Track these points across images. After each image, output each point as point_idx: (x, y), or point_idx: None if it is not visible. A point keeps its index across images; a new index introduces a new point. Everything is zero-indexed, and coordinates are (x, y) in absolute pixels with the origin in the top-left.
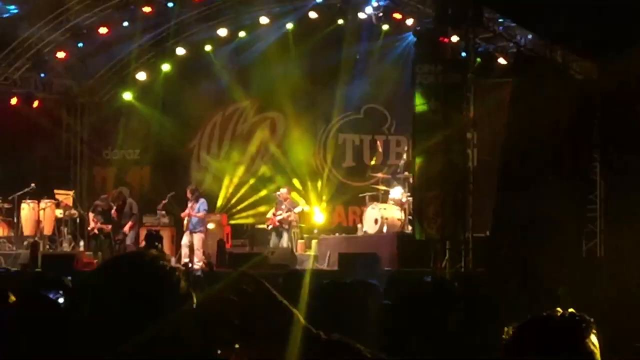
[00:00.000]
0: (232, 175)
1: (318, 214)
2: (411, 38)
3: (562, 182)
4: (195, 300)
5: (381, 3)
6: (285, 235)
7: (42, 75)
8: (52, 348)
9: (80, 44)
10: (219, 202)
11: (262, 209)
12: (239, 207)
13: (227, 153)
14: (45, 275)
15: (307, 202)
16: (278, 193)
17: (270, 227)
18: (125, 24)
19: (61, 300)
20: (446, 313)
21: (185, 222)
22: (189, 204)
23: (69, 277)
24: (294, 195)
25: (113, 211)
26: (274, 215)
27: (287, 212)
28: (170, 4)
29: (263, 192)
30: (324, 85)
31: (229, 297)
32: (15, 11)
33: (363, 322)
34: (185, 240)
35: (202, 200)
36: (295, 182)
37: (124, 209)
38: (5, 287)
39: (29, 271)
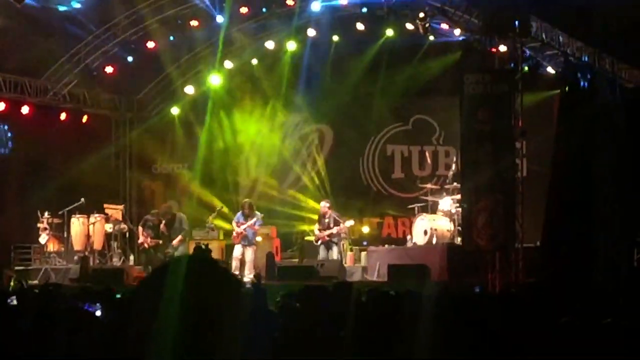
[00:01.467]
0: (279, 187)
1: (364, 225)
2: (459, 48)
3: (614, 191)
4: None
5: (428, 13)
6: (334, 248)
7: (91, 90)
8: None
9: (130, 58)
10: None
11: (306, 221)
12: (286, 220)
13: (276, 165)
14: (90, 289)
15: (352, 215)
16: (321, 206)
17: (319, 242)
18: (172, 38)
19: (98, 312)
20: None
21: (236, 233)
22: (241, 218)
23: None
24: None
25: (162, 225)
26: (320, 230)
27: (334, 225)
28: (218, 18)
29: (308, 204)
30: (372, 97)
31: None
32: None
33: (410, 332)
34: (237, 252)
35: (258, 214)
36: (342, 192)
37: (174, 223)
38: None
39: (77, 285)
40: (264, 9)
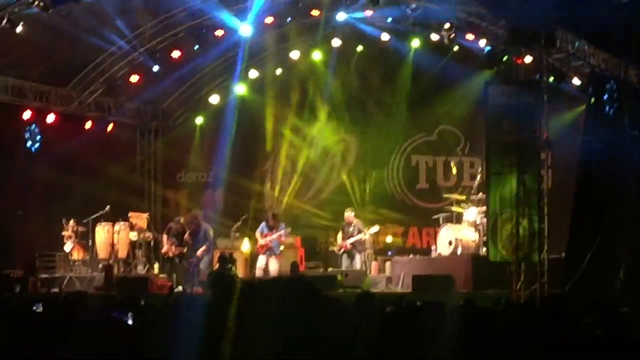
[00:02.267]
0: (304, 196)
1: (389, 235)
2: (484, 59)
3: (638, 203)
4: None
5: (454, 24)
6: (357, 257)
7: (116, 99)
8: None
9: (155, 67)
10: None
11: (331, 231)
12: (310, 229)
13: (300, 175)
14: (115, 297)
15: (377, 223)
16: (345, 216)
17: (342, 250)
18: (197, 47)
19: (130, 321)
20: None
21: (260, 245)
22: (266, 229)
23: None
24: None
25: (187, 235)
26: (343, 239)
27: (358, 233)
28: (243, 28)
29: (333, 214)
30: (397, 107)
31: None
32: None
33: (435, 343)
34: (260, 263)
35: (282, 224)
36: (367, 203)
37: (199, 233)
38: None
39: (102, 294)
40: (289, 19)
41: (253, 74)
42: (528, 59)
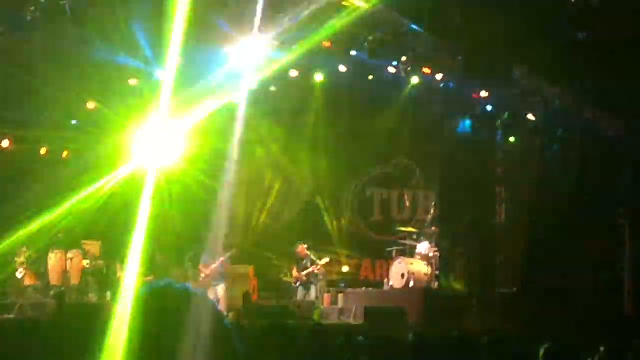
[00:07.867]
0: (255, 227)
1: (342, 267)
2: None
3: (590, 240)
4: None
5: (410, 57)
6: (312, 289)
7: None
8: None
9: None
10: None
11: (284, 261)
12: (264, 260)
13: (254, 205)
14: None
15: (330, 257)
16: (297, 250)
17: (298, 283)
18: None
19: None
20: None
21: (204, 276)
22: (208, 259)
23: None
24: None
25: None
26: (298, 272)
27: (311, 265)
28: None
29: (287, 244)
30: (353, 138)
31: None
32: None
33: None
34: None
35: (227, 253)
36: (319, 234)
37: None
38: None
39: (52, 320)
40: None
41: None
42: (484, 93)
